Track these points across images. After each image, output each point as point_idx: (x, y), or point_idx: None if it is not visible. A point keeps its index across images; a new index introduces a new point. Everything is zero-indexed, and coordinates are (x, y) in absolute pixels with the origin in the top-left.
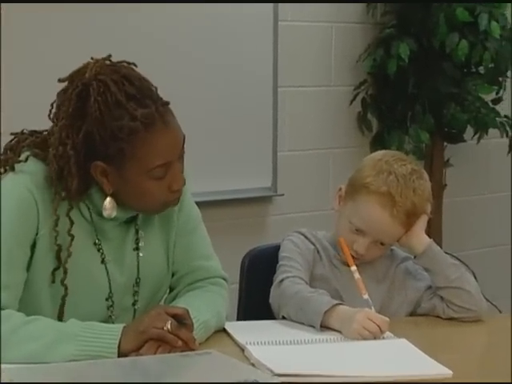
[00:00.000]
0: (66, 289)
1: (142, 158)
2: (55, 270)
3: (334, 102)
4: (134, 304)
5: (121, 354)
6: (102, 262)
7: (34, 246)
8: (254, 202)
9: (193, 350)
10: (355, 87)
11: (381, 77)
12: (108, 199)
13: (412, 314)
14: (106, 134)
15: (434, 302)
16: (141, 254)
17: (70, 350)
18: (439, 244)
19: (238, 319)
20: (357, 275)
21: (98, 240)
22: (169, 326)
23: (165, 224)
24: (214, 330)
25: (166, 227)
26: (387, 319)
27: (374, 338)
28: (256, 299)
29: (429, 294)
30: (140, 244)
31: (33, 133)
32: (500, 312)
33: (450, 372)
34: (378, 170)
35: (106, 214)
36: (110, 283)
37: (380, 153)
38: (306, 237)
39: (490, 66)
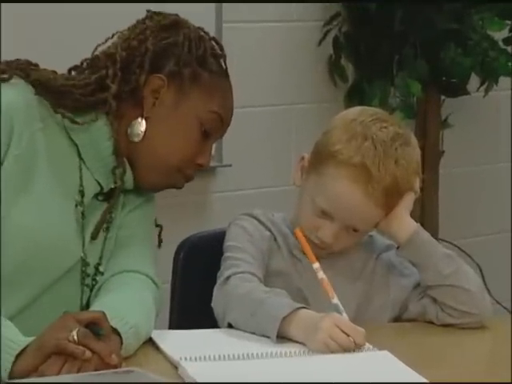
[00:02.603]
0: None
1: (208, 95)
2: None
3: (296, 43)
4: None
5: (16, 376)
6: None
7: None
8: None
9: (113, 366)
10: (325, 22)
11: (358, 9)
12: (143, 122)
13: (397, 319)
14: (190, 55)
15: (424, 303)
16: (108, 236)
17: None
18: (434, 230)
19: (171, 327)
20: (321, 274)
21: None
22: (74, 336)
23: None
24: (144, 339)
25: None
26: (362, 330)
27: (344, 352)
28: (194, 302)
29: (418, 293)
30: (110, 225)
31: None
32: None
33: None
34: (350, 135)
35: (135, 136)
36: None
37: (355, 111)
38: (259, 220)
39: None
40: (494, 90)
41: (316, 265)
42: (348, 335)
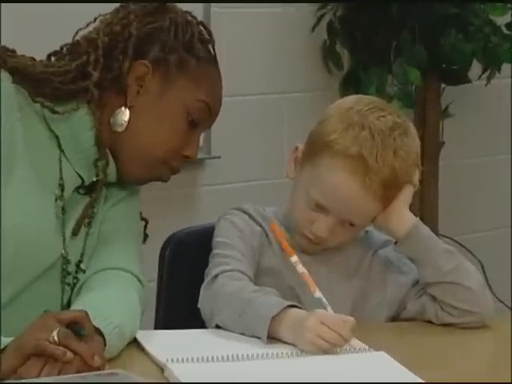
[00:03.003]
0: None
1: (196, 82)
2: None
3: (288, 28)
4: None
5: None
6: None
7: None
8: None
9: (95, 368)
10: (319, 7)
11: None
12: (127, 111)
13: (395, 318)
14: (176, 40)
15: (423, 302)
16: (90, 231)
17: None
18: (434, 224)
19: (157, 327)
20: (300, 268)
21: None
22: (55, 336)
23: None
24: (128, 339)
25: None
26: (349, 319)
27: (335, 349)
28: (180, 301)
29: (416, 291)
30: (92, 220)
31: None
32: None
33: None
34: (346, 124)
35: (118, 126)
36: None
37: (351, 99)
38: (250, 215)
39: None
40: (497, 77)
41: (294, 258)
42: (334, 331)
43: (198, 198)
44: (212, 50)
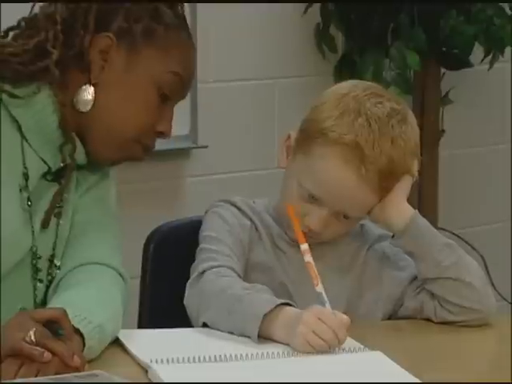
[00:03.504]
0: None
1: (165, 52)
2: None
3: (279, 10)
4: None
5: None
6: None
7: None
8: (162, 157)
9: (75, 368)
10: None
11: None
12: (91, 89)
13: (391, 316)
14: (140, 8)
15: (421, 299)
16: (61, 222)
17: None
18: (433, 217)
19: (140, 326)
20: (308, 257)
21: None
22: (32, 336)
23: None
24: (110, 339)
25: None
26: (345, 318)
27: (330, 349)
28: (165, 298)
29: (414, 287)
30: (62, 209)
31: None
32: None
33: None
34: (341, 110)
35: (83, 104)
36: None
37: (347, 84)
38: (239, 208)
39: None
40: (500, 61)
41: (304, 245)
42: (331, 329)
43: (183, 189)
44: (181, 11)
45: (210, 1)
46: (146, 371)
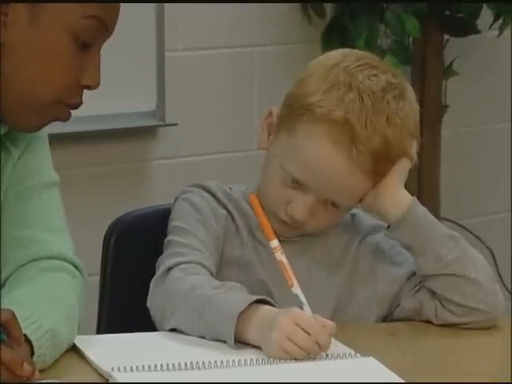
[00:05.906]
0: None
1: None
2: None
3: None
4: None
5: None
6: None
7: None
8: (125, 136)
9: (24, 377)
10: None
11: None
12: None
13: (386, 317)
14: None
15: (420, 298)
16: None
17: None
18: (434, 206)
19: (100, 331)
20: (279, 256)
21: None
22: None
23: None
24: (66, 346)
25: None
26: (329, 323)
27: (311, 355)
28: (128, 299)
29: (413, 285)
30: None
31: None
32: None
33: None
34: (330, 84)
35: None
36: None
37: (336, 54)
38: (213, 194)
39: None
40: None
41: (274, 242)
42: (309, 334)
43: (149, 173)
44: None
45: None
46: (107, 380)
